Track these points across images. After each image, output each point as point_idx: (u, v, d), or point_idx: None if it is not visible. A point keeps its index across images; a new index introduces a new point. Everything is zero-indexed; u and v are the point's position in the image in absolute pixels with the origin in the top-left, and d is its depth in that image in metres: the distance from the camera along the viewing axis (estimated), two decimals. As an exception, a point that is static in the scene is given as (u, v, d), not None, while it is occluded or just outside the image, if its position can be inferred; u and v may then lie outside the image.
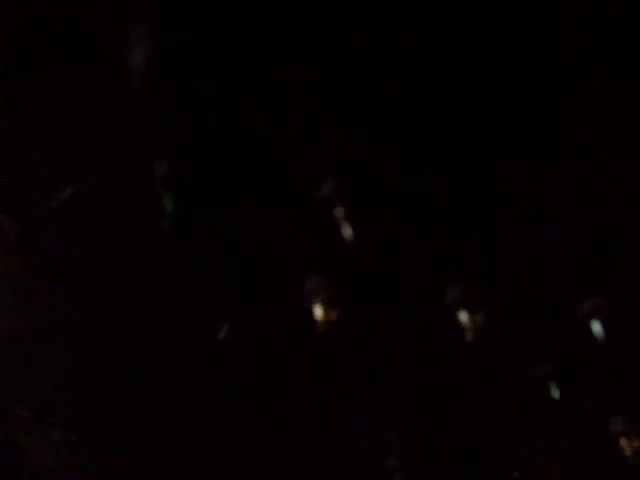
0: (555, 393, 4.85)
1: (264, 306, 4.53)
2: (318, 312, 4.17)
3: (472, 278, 4.34)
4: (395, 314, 4.67)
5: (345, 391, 5.40)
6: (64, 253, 4.39)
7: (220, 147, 3.68)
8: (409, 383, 5.27)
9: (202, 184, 3.68)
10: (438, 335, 4.79)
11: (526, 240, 4.28)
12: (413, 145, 3.90)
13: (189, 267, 4.38)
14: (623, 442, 5.34)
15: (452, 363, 5.01)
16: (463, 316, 4.28)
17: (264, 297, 4.51)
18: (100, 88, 3.59)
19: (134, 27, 3.20)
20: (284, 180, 3.86)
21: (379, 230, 4.04)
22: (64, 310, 4.90)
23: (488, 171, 4.08)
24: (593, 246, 4.28)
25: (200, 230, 3.91)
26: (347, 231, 3.76)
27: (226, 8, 3.40)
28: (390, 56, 3.56)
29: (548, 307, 4.59)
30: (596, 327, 4.42)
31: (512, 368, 4.98)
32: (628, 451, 5.34)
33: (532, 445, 5.74)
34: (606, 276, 4.40)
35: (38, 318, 4.99)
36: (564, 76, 3.66)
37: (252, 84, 3.59)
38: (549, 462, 5.82)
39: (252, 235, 4.15)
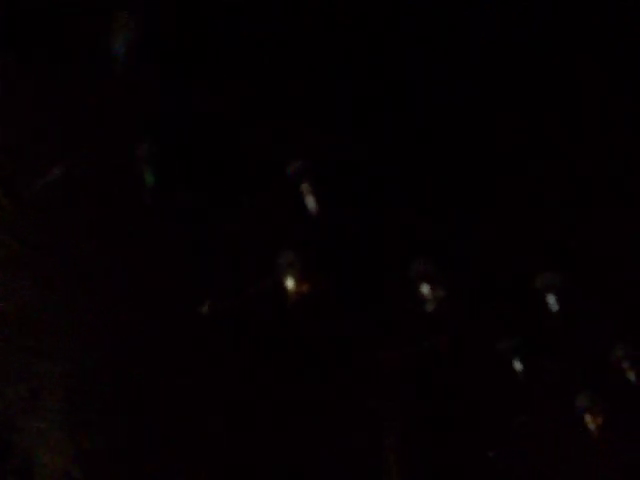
0: (518, 366, 5.18)
1: (241, 281, 4.89)
2: (290, 285, 4.53)
3: (435, 253, 4.68)
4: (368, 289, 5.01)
5: (341, 370, 5.69)
6: (57, 231, 4.70)
7: (195, 128, 4.07)
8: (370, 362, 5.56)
9: (179, 161, 4.09)
10: (406, 312, 5.12)
11: (487, 217, 4.60)
12: (378, 127, 4.23)
13: (170, 245, 4.73)
14: (588, 418, 5.65)
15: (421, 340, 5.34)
16: (425, 289, 4.63)
17: (240, 272, 4.87)
18: (85, 75, 3.93)
19: (116, 15, 3.60)
20: (254, 160, 4.22)
21: (344, 207, 4.40)
22: (59, 289, 5.17)
23: (451, 155, 4.39)
24: (552, 223, 4.60)
25: (178, 204, 4.31)
26: (312, 204, 4.14)
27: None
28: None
29: (509, 282, 4.91)
30: (551, 301, 4.74)
31: (478, 344, 5.30)
32: (592, 426, 5.65)
33: (506, 424, 6.03)
34: (564, 252, 4.72)
35: (34, 298, 5.26)
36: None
37: (227, 71, 3.95)
38: (522, 441, 6.10)
39: (226, 213, 4.51)
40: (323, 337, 5.46)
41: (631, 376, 5.50)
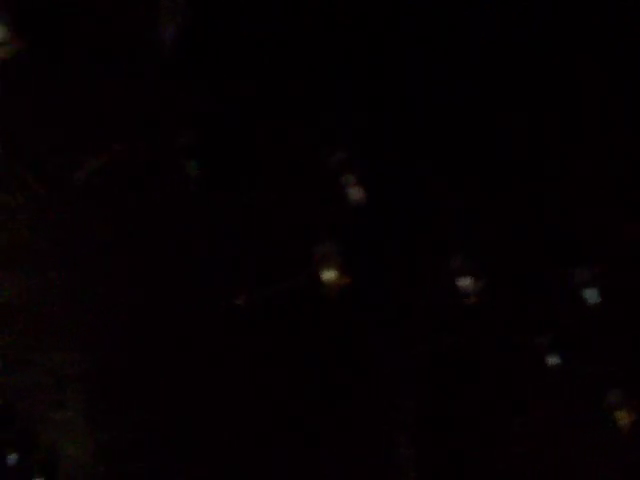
0: (553, 361, 5.19)
1: (279, 272, 4.91)
2: (329, 277, 4.53)
3: (474, 247, 4.70)
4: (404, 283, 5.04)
5: (359, 367, 5.71)
6: (89, 221, 4.72)
7: (238, 117, 4.08)
8: (415, 354, 5.59)
9: (223, 150, 4.10)
10: (437, 305, 5.15)
11: (522, 211, 4.62)
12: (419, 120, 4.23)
13: (208, 235, 4.75)
14: (619, 414, 5.65)
15: (454, 333, 5.36)
16: (466, 281, 4.64)
17: (278, 264, 4.88)
18: (127, 63, 3.93)
19: (165, 2, 3.59)
20: (296, 149, 4.23)
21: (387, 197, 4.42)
22: (83, 284, 5.19)
23: (481, 148, 4.40)
24: (587, 216, 4.62)
25: (221, 192, 4.32)
26: (356, 195, 4.14)
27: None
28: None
29: (543, 277, 4.93)
30: (590, 295, 4.75)
31: (510, 337, 5.32)
32: (624, 423, 5.66)
33: (532, 415, 6.06)
34: (600, 245, 4.74)
35: (57, 292, 5.27)
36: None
37: (272, 60, 3.94)
38: (548, 433, 6.13)
39: (266, 204, 4.53)
40: (347, 334, 5.48)
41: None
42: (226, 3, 3.68)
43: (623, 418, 5.66)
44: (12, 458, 6.13)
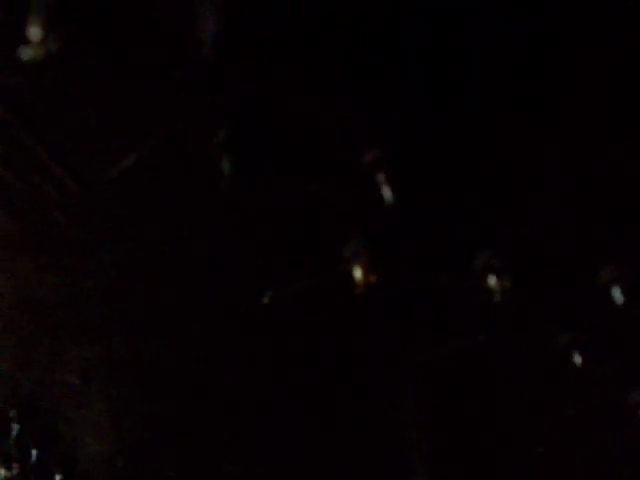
0: (577, 360, 5.24)
1: (306, 270, 4.95)
2: (358, 274, 4.59)
3: (498, 244, 4.74)
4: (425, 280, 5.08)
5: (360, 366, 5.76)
6: (120, 220, 4.77)
7: (272, 115, 4.12)
8: (431, 354, 5.64)
9: (258, 148, 4.15)
10: (461, 303, 5.19)
11: (545, 208, 4.65)
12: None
13: (236, 232, 4.79)
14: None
15: (477, 332, 5.41)
16: (492, 279, 4.69)
17: (306, 261, 4.93)
18: (160, 57, 3.97)
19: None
20: (327, 146, 4.27)
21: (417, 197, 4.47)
22: (113, 275, 5.24)
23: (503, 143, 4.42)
24: (612, 212, 4.65)
25: (255, 190, 4.37)
26: (388, 194, 4.19)
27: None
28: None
29: (568, 275, 4.97)
30: (616, 294, 4.79)
31: (534, 337, 5.37)
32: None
33: (556, 418, 6.09)
34: (626, 243, 4.78)
35: (85, 281, 5.32)
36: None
37: (305, 54, 3.97)
38: (573, 436, 6.17)
39: (295, 200, 4.57)
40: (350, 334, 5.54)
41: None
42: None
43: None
44: (32, 454, 6.21)
